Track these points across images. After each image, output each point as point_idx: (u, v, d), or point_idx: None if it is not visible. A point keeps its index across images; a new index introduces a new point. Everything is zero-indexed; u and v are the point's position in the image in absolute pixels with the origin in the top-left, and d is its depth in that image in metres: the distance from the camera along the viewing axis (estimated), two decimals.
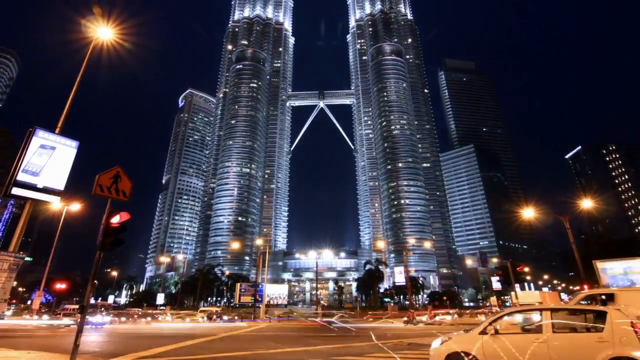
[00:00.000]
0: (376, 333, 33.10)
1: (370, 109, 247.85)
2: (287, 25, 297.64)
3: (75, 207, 45.17)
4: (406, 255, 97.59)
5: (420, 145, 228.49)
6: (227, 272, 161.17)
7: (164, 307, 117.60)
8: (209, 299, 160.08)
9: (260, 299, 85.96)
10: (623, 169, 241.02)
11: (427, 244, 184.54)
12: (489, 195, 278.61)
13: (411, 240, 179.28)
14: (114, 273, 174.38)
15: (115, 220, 13.74)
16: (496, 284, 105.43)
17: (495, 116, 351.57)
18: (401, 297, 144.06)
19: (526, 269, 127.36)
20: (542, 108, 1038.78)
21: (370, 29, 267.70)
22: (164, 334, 38.57)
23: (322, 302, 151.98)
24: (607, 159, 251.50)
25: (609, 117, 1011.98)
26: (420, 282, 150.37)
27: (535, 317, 11.35)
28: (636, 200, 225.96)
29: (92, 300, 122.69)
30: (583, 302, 20.14)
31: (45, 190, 14.52)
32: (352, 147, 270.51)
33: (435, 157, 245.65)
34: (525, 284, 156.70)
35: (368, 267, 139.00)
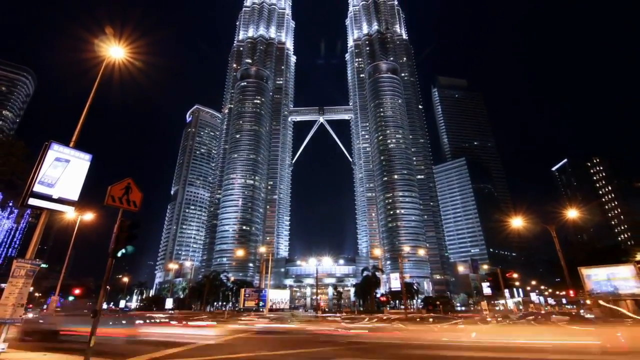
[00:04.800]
0: None
1: (367, 124, 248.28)
2: (289, 44, 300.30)
3: (89, 216, 45.23)
4: (401, 262, 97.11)
5: (414, 158, 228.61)
6: (232, 278, 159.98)
7: (172, 312, 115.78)
8: (215, 303, 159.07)
9: (263, 304, 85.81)
10: (606, 181, 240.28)
11: (422, 252, 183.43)
12: (480, 206, 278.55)
13: (406, 248, 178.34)
14: (125, 279, 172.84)
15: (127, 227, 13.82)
16: (486, 289, 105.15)
17: (485, 130, 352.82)
18: (397, 301, 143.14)
19: (515, 275, 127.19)
20: (530, 122, 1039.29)
21: (368, 48, 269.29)
22: None
23: (322, 306, 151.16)
24: (592, 171, 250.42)
25: (595, 130, 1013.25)
26: (415, 287, 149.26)
27: None
28: (619, 210, 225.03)
29: (105, 305, 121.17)
30: None
31: (60, 200, 14.58)
32: (351, 160, 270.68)
33: (429, 169, 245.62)
34: (514, 290, 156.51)
35: (365, 273, 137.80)
